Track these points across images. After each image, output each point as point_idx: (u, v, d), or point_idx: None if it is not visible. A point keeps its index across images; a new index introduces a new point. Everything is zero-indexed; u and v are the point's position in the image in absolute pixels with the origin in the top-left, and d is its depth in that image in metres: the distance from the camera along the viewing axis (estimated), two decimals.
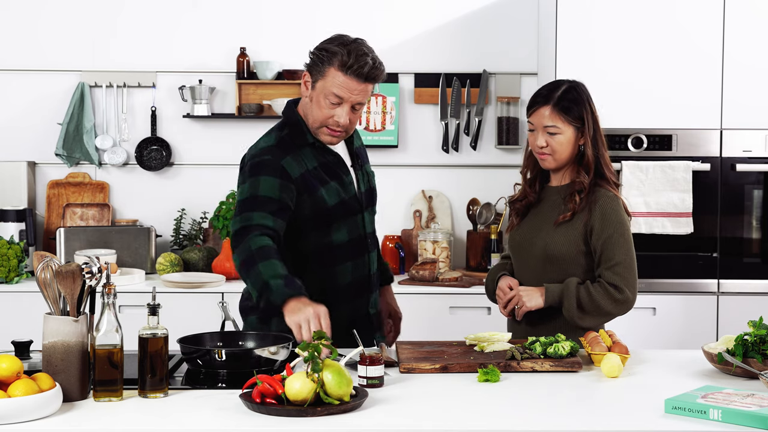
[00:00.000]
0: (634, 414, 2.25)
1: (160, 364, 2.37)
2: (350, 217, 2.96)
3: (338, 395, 2.23)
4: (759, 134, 4.28)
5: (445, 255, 4.73)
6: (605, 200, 2.92)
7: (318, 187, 2.88)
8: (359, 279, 3.01)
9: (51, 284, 2.33)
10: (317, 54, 2.85)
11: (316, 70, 2.84)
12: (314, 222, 2.90)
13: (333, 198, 2.90)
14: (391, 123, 4.92)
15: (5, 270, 4.44)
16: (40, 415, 2.16)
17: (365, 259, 3.02)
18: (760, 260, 4.34)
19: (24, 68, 4.94)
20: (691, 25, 4.27)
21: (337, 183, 2.93)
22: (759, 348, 2.59)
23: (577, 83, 2.99)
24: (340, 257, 2.95)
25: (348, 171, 2.99)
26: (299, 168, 2.87)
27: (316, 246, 2.93)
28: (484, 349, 2.79)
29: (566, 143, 2.93)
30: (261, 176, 2.83)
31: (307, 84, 2.89)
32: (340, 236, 2.94)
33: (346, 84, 2.81)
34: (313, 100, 2.86)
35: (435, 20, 4.95)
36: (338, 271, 2.96)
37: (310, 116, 2.90)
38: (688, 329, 4.28)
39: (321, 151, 2.94)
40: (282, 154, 2.87)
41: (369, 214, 3.06)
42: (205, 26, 4.96)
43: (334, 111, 2.84)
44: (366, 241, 3.02)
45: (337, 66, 2.80)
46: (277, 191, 2.80)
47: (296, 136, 2.92)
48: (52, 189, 4.93)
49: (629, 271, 2.91)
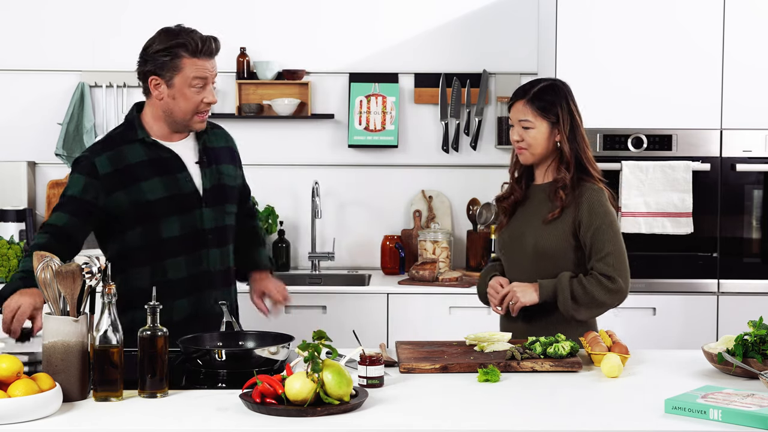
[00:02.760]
0: (634, 414, 2.25)
1: (160, 364, 2.37)
2: (184, 212, 3.02)
3: (338, 395, 2.23)
4: (759, 134, 4.28)
5: (445, 255, 4.73)
6: (591, 193, 2.97)
7: (138, 181, 2.97)
8: (196, 274, 3.04)
9: (51, 284, 2.33)
10: (161, 53, 2.97)
11: (166, 68, 2.97)
12: (136, 216, 2.97)
13: (157, 192, 2.98)
14: (391, 123, 4.92)
15: (5, 270, 4.44)
16: (40, 415, 2.16)
17: (201, 254, 3.05)
18: (760, 260, 4.34)
19: (24, 68, 4.94)
20: (691, 25, 4.27)
21: (166, 178, 3.00)
22: (759, 348, 2.59)
23: (558, 81, 3.05)
24: (171, 252, 3.00)
25: (184, 167, 3.04)
26: (113, 165, 2.97)
27: (144, 240, 2.99)
28: (484, 349, 2.80)
29: (540, 138, 2.99)
30: (72, 174, 3.01)
31: (158, 87, 2.99)
32: (170, 231, 3.00)
33: (203, 65, 2.98)
34: (176, 96, 2.99)
35: (435, 20, 4.95)
36: (169, 266, 2.99)
37: (177, 112, 3.01)
38: (688, 329, 4.28)
39: (153, 148, 3.03)
40: (100, 151, 3.01)
41: (213, 211, 3.08)
42: (205, 26, 4.93)
43: (202, 94, 2.99)
44: (204, 237, 3.05)
45: (189, 54, 2.96)
46: (79, 189, 2.95)
47: (127, 133, 3.04)
48: (52, 189, 4.93)
49: (620, 261, 2.94)
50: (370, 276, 4.74)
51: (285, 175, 4.97)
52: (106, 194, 2.95)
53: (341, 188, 5.00)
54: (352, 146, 4.94)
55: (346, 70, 4.96)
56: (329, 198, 4.99)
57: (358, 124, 4.91)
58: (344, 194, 5.00)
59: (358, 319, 4.22)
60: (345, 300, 4.35)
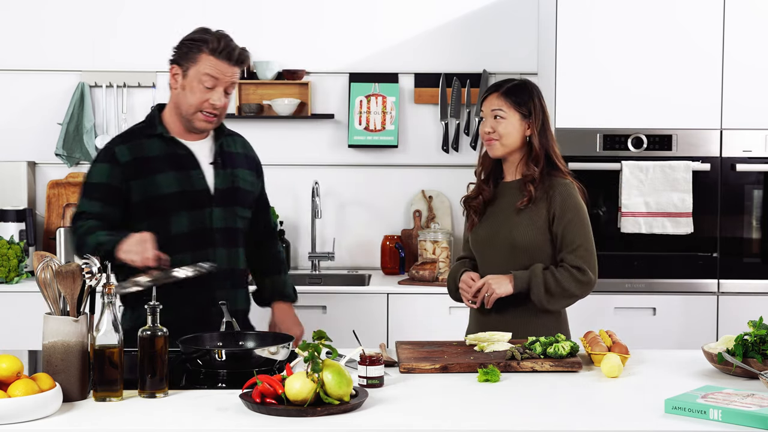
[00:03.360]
0: (634, 414, 2.25)
1: (160, 364, 2.37)
2: (195, 209, 3.03)
3: (338, 395, 2.23)
4: (759, 134, 4.28)
5: (445, 255, 4.74)
6: (562, 187, 3.06)
7: (152, 173, 3.00)
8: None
9: (51, 284, 2.33)
10: (186, 44, 3.02)
11: (186, 58, 3.01)
12: (147, 208, 2.99)
13: (171, 186, 3.01)
14: (391, 123, 4.92)
15: (5, 270, 4.44)
16: (40, 415, 2.16)
17: (208, 253, 3.05)
18: (760, 260, 4.34)
19: (24, 68, 4.94)
20: (691, 24, 4.27)
21: (179, 174, 3.03)
22: (759, 348, 2.59)
23: (528, 81, 3.16)
24: (178, 247, 2.99)
25: (197, 165, 3.07)
26: (132, 154, 3.01)
27: (152, 234, 2.98)
28: (484, 349, 2.80)
29: (512, 129, 3.07)
30: (94, 163, 3.06)
31: (176, 76, 3.04)
32: (179, 226, 3.02)
33: (218, 66, 2.99)
34: (186, 87, 3.02)
35: (435, 20, 4.95)
36: (174, 262, 2.97)
37: (183, 104, 3.03)
38: (688, 329, 4.28)
39: (170, 144, 3.07)
40: (120, 142, 3.05)
41: (224, 211, 3.09)
42: (205, 26, 4.96)
43: (209, 94, 3.00)
44: (212, 236, 3.06)
45: (209, 51, 2.99)
46: (105, 175, 2.99)
47: (147, 128, 3.09)
48: (52, 189, 4.93)
49: (590, 254, 3.04)
50: (370, 276, 4.74)
51: (285, 175, 4.96)
52: (126, 182, 2.99)
53: (341, 188, 5.00)
54: (352, 146, 4.94)
55: (346, 70, 4.96)
56: (329, 198, 4.99)
57: (358, 124, 4.91)
58: (344, 194, 5.00)
59: (358, 319, 4.22)
60: (345, 300, 4.35)
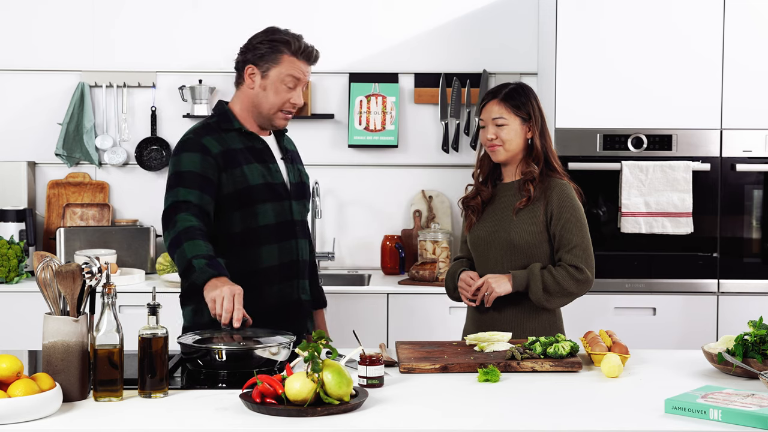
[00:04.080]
0: (634, 414, 2.25)
1: (160, 364, 2.37)
2: (277, 201, 3.05)
3: (338, 395, 2.23)
4: (759, 134, 4.28)
5: (445, 255, 4.73)
6: (560, 188, 3.10)
7: (240, 165, 2.99)
8: (287, 263, 3.06)
9: (51, 284, 2.33)
10: (264, 45, 3.03)
11: (267, 59, 3.02)
12: (238, 201, 2.98)
13: (256, 178, 3.01)
14: (391, 123, 4.92)
15: (5, 270, 4.44)
16: (40, 415, 2.16)
17: (292, 244, 3.08)
18: (760, 260, 4.34)
19: (24, 68, 4.94)
20: (691, 24, 4.27)
21: (262, 166, 3.04)
22: (759, 348, 2.59)
23: (523, 83, 3.20)
24: (266, 239, 3.01)
25: (274, 159, 3.10)
26: (220, 146, 2.99)
27: (241, 226, 2.99)
28: (484, 349, 2.80)
29: (514, 134, 3.11)
30: (182, 153, 2.98)
31: (252, 76, 3.04)
32: (266, 218, 3.02)
33: (301, 67, 3.04)
34: (267, 88, 3.03)
35: (435, 20, 4.95)
36: (263, 253, 3.00)
37: (264, 104, 3.05)
38: (688, 329, 4.28)
39: (248, 137, 3.07)
40: (204, 134, 3.01)
41: (298, 205, 3.13)
42: (205, 26, 4.97)
43: (291, 94, 3.04)
44: (294, 227, 3.09)
45: (290, 52, 3.02)
46: (198, 165, 2.94)
47: (222, 123, 3.07)
48: (52, 189, 4.93)
49: (587, 253, 3.08)
50: (370, 276, 4.74)
51: None
52: (218, 173, 2.96)
53: (341, 188, 5.00)
54: (352, 146, 4.94)
55: (346, 70, 4.96)
56: (329, 198, 4.99)
57: (358, 124, 4.91)
58: (344, 194, 5.00)
59: (358, 319, 4.22)
60: (345, 300, 4.34)
